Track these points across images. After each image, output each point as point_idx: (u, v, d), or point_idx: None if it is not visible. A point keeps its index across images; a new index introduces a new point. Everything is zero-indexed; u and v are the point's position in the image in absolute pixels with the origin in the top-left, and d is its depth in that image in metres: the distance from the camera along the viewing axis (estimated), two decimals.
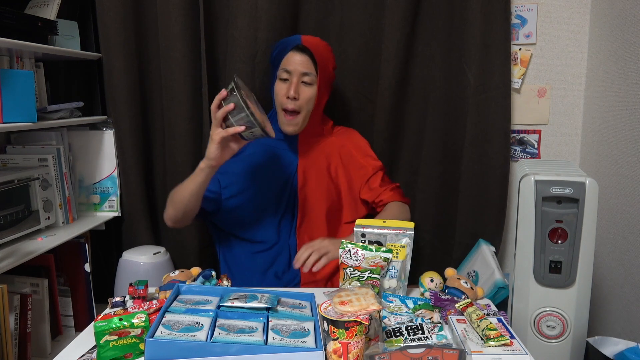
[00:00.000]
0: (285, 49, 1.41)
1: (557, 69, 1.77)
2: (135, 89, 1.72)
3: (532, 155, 1.83)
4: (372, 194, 1.51)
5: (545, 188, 1.30)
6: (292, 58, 1.39)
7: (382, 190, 1.51)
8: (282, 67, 1.40)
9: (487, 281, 1.50)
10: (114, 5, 1.64)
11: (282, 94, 1.40)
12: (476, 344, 0.93)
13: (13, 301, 1.42)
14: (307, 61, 1.39)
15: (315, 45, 1.40)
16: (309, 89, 1.40)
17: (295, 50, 1.39)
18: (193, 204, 1.35)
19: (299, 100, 1.39)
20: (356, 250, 1.09)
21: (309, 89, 1.40)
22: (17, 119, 1.37)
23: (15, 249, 1.42)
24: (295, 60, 1.39)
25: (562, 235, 1.31)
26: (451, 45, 1.68)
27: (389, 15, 1.63)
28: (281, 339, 0.90)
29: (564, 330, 1.34)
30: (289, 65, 1.39)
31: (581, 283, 1.32)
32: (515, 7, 1.73)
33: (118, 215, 1.78)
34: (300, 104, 1.39)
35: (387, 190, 1.52)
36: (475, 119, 1.67)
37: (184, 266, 1.32)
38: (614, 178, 1.60)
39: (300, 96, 1.39)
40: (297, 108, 1.39)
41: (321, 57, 1.40)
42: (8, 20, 1.36)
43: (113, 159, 1.75)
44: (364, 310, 0.87)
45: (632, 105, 1.50)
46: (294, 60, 1.39)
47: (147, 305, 1.00)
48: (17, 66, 1.51)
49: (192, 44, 1.65)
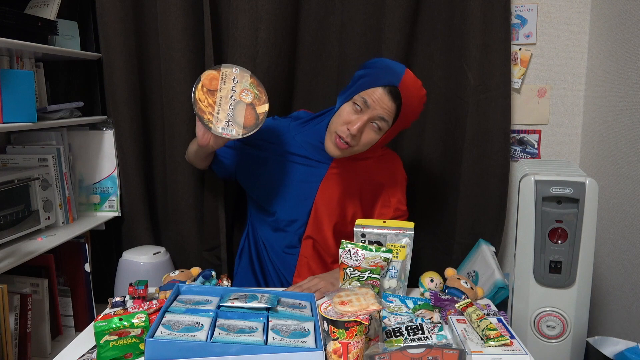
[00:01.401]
0: (378, 80, 1.21)
1: (557, 69, 1.77)
2: (135, 89, 1.72)
3: (532, 155, 1.83)
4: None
5: (545, 188, 1.30)
6: (377, 95, 1.21)
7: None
8: (362, 96, 1.22)
9: (487, 281, 1.50)
10: (114, 5, 1.64)
11: (344, 119, 1.24)
12: (476, 344, 0.93)
13: (13, 301, 1.42)
14: (391, 107, 1.21)
15: (409, 96, 1.22)
16: (374, 134, 1.25)
17: (388, 91, 1.20)
18: (197, 162, 1.47)
19: (357, 138, 1.24)
20: (356, 250, 1.09)
21: (374, 134, 1.25)
22: (17, 119, 1.37)
23: (15, 249, 1.42)
24: (382, 101, 1.21)
25: (562, 235, 1.31)
26: (451, 45, 1.68)
27: (389, 15, 1.63)
28: (281, 339, 0.90)
29: (564, 330, 1.34)
30: (370, 98, 1.21)
31: (581, 283, 1.32)
32: (515, 7, 1.73)
33: (118, 215, 1.78)
34: (356, 143, 1.25)
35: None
36: (475, 119, 1.67)
37: (184, 266, 1.32)
38: (614, 178, 1.60)
39: (362, 137, 1.24)
40: (351, 144, 1.25)
41: (407, 109, 1.24)
42: (8, 20, 1.36)
43: (113, 159, 1.75)
44: (364, 310, 0.87)
45: (632, 105, 1.50)
46: (379, 99, 1.21)
47: (147, 305, 1.00)
48: (17, 66, 1.51)
49: (192, 44, 1.65)
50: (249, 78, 1.28)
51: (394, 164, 1.46)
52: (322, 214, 1.38)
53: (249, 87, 1.28)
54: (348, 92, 1.27)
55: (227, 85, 1.26)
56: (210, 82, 1.25)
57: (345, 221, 1.40)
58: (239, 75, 1.27)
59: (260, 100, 1.28)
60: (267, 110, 1.28)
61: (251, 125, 1.26)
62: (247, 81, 1.27)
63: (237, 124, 1.25)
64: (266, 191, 1.41)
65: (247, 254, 1.54)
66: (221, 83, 1.26)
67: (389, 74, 1.22)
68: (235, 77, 1.26)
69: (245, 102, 1.26)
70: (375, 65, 1.27)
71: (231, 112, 1.25)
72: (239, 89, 1.26)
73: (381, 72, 1.23)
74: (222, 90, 1.25)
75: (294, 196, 1.39)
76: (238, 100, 1.26)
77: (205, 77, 1.25)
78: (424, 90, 1.28)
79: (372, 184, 1.41)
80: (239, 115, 1.25)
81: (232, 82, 1.26)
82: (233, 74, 1.27)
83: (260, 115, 1.27)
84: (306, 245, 1.41)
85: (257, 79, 1.29)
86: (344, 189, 1.38)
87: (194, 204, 1.76)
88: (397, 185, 1.44)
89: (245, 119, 1.26)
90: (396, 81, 1.21)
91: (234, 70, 1.27)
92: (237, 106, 1.25)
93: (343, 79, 1.71)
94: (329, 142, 1.28)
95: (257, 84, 1.28)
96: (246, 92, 1.27)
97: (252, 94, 1.27)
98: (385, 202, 1.42)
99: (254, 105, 1.27)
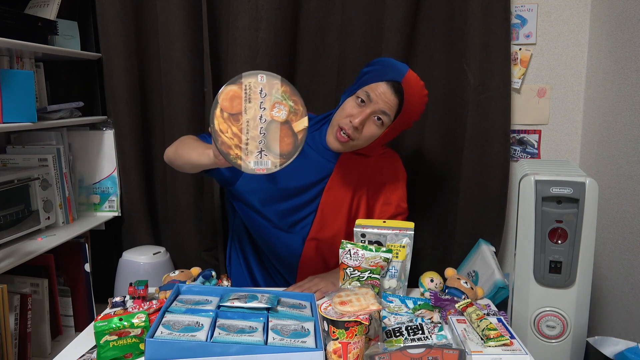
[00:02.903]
0: (382, 76, 1.23)
1: (557, 69, 1.77)
2: (135, 89, 1.72)
3: (532, 155, 1.83)
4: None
5: (545, 188, 1.30)
6: (381, 90, 1.22)
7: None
8: (366, 90, 1.23)
9: (487, 281, 1.50)
10: (114, 5, 1.64)
11: (347, 112, 1.24)
12: (476, 344, 0.93)
13: (13, 301, 1.42)
14: (393, 102, 1.22)
15: (411, 93, 1.24)
16: (376, 128, 1.25)
17: (391, 85, 1.22)
18: (188, 169, 1.26)
19: (358, 131, 1.24)
20: (356, 250, 1.09)
21: (376, 128, 1.25)
22: (17, 119, 1.37)
23: (15, 249, 1.42)
24: (385, 95, 1.22)
25: (562, 235, 1.31)
26: (451, 45, 1.68)
27: (389, 15, 1.63)
28: (281, 339, 0.90)
29: (564, 330, 1.34)
30: (373, 93, 1.22)
31: (581, 283, 1.32)
32: (515, 7, 1.73)
33: (118, 215, 1.78)
34: (358, 136, 1.25)
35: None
36: (475, 119, 1.67)
37: (184, 266, 1.32)
38: (614, 178, 1.60)
39: (363, 130, 1.24)
40: (353, 137, 1.24)
41: (409, 107, 1.24)
42: (8, 20, 1.36)
43: (113, 159, 1.75)
44: (364, 310, 0.87)
45: (632, 105, 1.50)
46: (382, 93, 1.22)
47: (147, 305, 1.00)
48: (17, 66, 1.51)
49: (192, 44, 1.65)
50: (280, 86, 1.01)
51: (394, 162, 1.46)
52: (328, 214, 1.37)
53: (280, 99, 1.01)
54: (352, 88, 1.28)
55: (254, 103, 1.00)
56: (231, 103, 0.99)
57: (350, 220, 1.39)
58: (267, 85, 1.01)
59: (297, 114, 1.02)
60: (307, 126, 1.02)
61: (289, 150, 1.01)
62: (278, 91, 1.01)
63: (272, 153, 1.00)
64: (269, 194, 1.39)
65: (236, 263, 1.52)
66: (245, 101, 0.99)
67: (393, 71, 1.24)
68: (262, 89, 1.00)
69: (278, 120, 1.01)
70: (380, 62, 1.29)
71: (263, 139, 1.00)
72: (268, 104, 1.00)
73: (385, 69, 1.25)
74: (248, 110, 0.99)
75: (299, 197, 1.38)
76: (269, 120, 1.00)
77: (224, 97, 0.99)
78: (426, 91, 1.28)
79: (375, 182, 1.41)
80: (272, 140, 1.00)
81: (260, 97, 1.00)
82: (259, 84, 1.00)
83: (298, 134, 1.02)
84: (309, 247, 1.40)
85: (290, 85, 1.02)
86: (348, 188, 1.37)
87: (194, 204, 1.76)
88: (398, 183, 1.44)
89: (282, 144, 1.01)
90: (399, 77, 1.22)
91: (259, 79, 1.01)
92: (269, 128, 1.00)
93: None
94: (330, 136, 1.28)
95: (290, 92, 1.01)
96: (278, 107, 1.01)
97: (286, 108, 1.01)
98: (386, 199, 1.42)
99: (290, 122, 1.01)
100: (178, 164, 1.28)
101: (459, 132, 1.70)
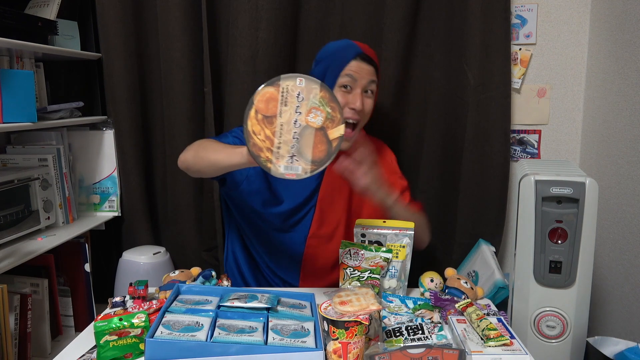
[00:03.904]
0: (345, 57, 1.27)
1: (557, 69, 1.77)
2: (135, 89, 1.72)
3: (532, 155, 1.83)
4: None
5: (545, 188, 1.30)
6: (355, 66, 1.26)
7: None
8: (346, 73, 1.26)
9: (487, 281, 1.50)
10: (114, 5, 1.64)
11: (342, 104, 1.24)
12: (476, 344, 0.93)
13: (13, 301, 1.42)
14: (371, 70, 1.29)
15: (374, 55, 1.32)
16: (370, 101, 1.30)
17: (360, 59, 1.27)
18: (211, 172, 1.22)
19: (362, 112, 1.28)
20: (356, 250, 1.09)
21: (370, 101, 1.30)
22: (17, 119, 1.37)
23: (15, 249, 1.42)
24: (362, 68, 1.27)
25: (562, 235, 1.31)
26: (451, 45, 1.68)
27: (389, 15, 1.63)
28: (281, 339, 0.90)
29: (564, 330, 1.34)
30: (354, 72, 1.26)
31: (581, 283, 1.32)
32: (515, 7, 1.73)
33: (118, 215, 1.78)
34: (361, 117, 1.28)
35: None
36: (475, 119, 1.67)
37: (184, 266, 1.32)
38: (614, 178, 1.60)
39: (364, 108, 1.28)
40: (358, 119, 1.27)
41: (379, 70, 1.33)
42: (8, 20, 1.36)
43: (113, 159, 1.75)
44: (364, 310, 0.87)
45: (632, 105, 1.50)
46: (361, 68, 1.27)
47: (147, 305, 1.00)
48: (17, 66, 1.51)
49: (192, 44, 1.65)
50: (319, 91, 0.99)
51: (381, 148, 1.50)
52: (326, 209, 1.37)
53: (318, 105, 0.99)
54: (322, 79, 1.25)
55: (290, 107, 0.98)
56: (266, 105, 0.98)
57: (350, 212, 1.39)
58: (305, 89, 0.98)
59: (333, 121, 0.99)
60: (343, 135, 1.00)
61: (322, 157, 0.98)
62: (316, 96, 0.99)
63: (304, 159, 0.98)
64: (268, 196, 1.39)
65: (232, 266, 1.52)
66: (281, 104, 0.98)
67: (349, 48, 1.29)
68: (299, 93, 0.98)
69: (314, 126, 0.98)
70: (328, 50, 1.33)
71: (295, 144, 0.98)
72: (304, 109, 0.98)
73: (341, 51, 1.29)
74: (283, 114, 0.98)
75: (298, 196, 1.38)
76: (304, 125, 0.98)
77: (260, 98, 0.98)
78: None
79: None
80: (306, 145, 0.98)
81: (297, 101, 0.98)
82: (297, 88, 0.99)
83: (333, 142, 0.99)
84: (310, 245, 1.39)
85: (329, 91, 1.00)
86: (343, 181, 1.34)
87: (194, 204, 1.76)
88: (390, 165, 1.48)
89: (315, 150, 0.98)
90: (359, 49, 1.28)
91: (297, 83, 0.99)
92: (303, 134, 0.98)
93: None
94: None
95: (329, 99, 0.99)
96: (315, 113, 0.99)
97: (322, 114, 0.98)
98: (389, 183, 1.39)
99: (325, 129, 0.99)
100: (198, 168, 1.23)
101: (459, 132, 1.70)
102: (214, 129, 1.67)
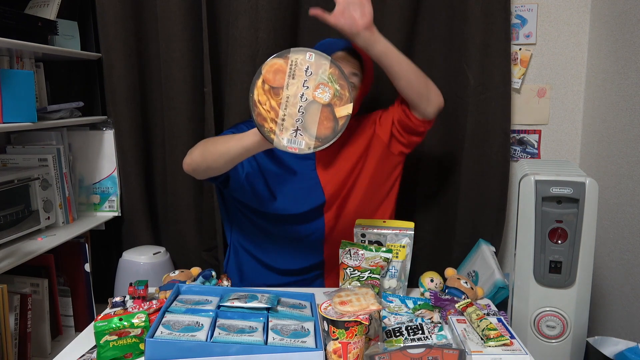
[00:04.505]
0: (333, 47, 1.30)
1: (557, 69, 1.77)
2: (135, 89, 1.72)
3: (532, 155, 1.83)
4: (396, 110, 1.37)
5: (545, 188, 1.30)
6: (343, 56, 1.28)
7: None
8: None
9: (487, 281, 1.50)
10: (114, 5, 1.64)
11: None
12: (476, 344, 0.93)
13: (13, 301, 1.42)
14: (356, 63, 1.30)
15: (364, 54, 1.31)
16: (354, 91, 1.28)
17: (345, 50, 1.29)
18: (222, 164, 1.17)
19: None
20: (356, 250, 1.09)
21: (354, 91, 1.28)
22: (17, 119, 1.37)
23: (15, 249, 1.42)
24: (346, 59, 1.28)
25: (562, 235, 1.31)
26: (451, 45, 1.68)
27: (389, 15, 1.63)
28: (281, 339, 0.90)
29: (564, 330, 1.34)
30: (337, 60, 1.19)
31: (581, 283, 1.32)
32: (515, 7, 1.73)
33: (118, 215, 1.78)
34: None
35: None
36: (475, 119, 1.67)
37: (184, 266, 1.32)
38: (614, 178, 1.60)
39: None
40: None
41: (368, 66, 1.32)
42: (8, 20, 1.36)
43: (113, 159, 1.75)
44: (364, 310, 0.87)
45: (632, 105, 1.50)
46: (346, 58, 1.28)
47: (147, 305, 1.00)
48: (17, 66, 1.51)
49: (192, 44, 1.65)
50: (328, 67, 0.97)
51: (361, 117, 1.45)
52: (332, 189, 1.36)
53: (326, 81, 0.97)
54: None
55: (297, 80, 0.97)
56: (274, 76, 0.97)
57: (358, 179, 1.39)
58: (314, 64, 0.97)
59: (341, 98, 0.97)
60: (350, 113, 0.98)
61: (327, 135, 0.97)
62: (325, 72, 0.97)
63: (308, 134, 0.96)
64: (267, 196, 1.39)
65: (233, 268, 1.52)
66: (289, 77, 0.97)
67: (339, 41, 1.32)
68: (308, 67, 0.97)
69: (320, 102, 0.97)
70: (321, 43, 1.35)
71: (301, 118, 0.96)
72: (312, 83, 0.97)
73: (331, 43, 1.32)
74: (290, 87, 0.97)
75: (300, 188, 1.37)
76: (311, 100, 0.97)
77: (268, 69, 0.97)
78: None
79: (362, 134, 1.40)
80: (311, 120, 0.96)
81: (305, 75, 0.97)
82: (306, 62, 0.97)
83: (340, 120, 0.97)
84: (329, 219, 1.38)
85: (340, 68, 0.98)
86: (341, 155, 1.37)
87: (194, 204, 1.76)
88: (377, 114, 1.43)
89: (320, 126, 0.97)
90: (348, 43, 1.30)
91: (307, 57, 0.97)
92: (309, 108, 0.96)
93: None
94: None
95: (338, 76, 0.97)
96: (323, 88, 0.97)
97: (330, 90, 0.97)
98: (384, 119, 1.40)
99: (332, 106, 0.97)
100: (208, 164, 1.19)
101: (459, 132, 1.70)
102: (214, 129, 1.67)
